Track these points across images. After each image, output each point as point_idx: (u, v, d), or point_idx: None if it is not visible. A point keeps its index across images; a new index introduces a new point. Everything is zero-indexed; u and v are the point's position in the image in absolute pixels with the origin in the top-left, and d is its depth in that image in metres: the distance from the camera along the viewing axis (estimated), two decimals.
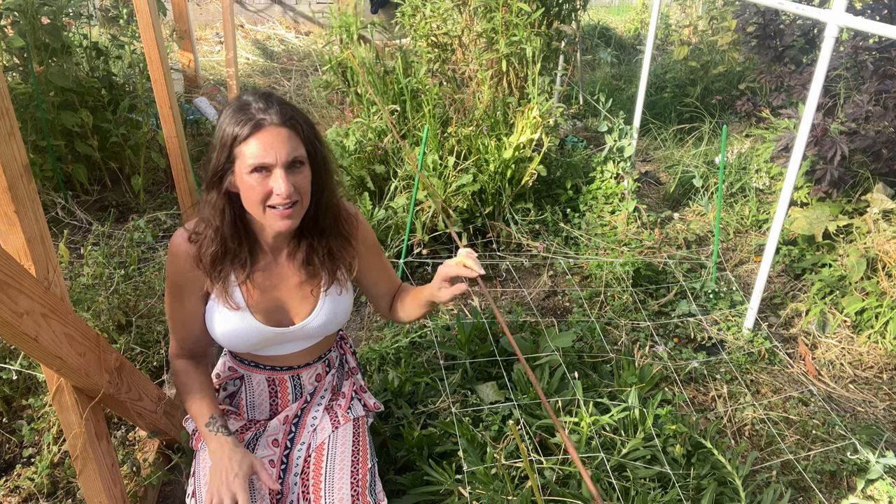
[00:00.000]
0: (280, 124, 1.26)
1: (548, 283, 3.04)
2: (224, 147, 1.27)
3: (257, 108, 1.26)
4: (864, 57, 3.40)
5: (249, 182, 1.26)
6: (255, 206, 1.29)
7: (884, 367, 2.56)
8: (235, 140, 1.26)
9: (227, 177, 1.30)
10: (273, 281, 1.45)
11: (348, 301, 1.54)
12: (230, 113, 1.28)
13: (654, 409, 2.01)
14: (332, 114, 4.58)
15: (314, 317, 1.48)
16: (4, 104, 1.12)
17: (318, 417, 1.61)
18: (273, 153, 1.25)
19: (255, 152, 1.24)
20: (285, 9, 7.47)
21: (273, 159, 1.25)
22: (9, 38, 2.95)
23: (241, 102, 1.29)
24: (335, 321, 1.52)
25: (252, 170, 1.25)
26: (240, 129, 1.25)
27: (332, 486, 1.45)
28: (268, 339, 1.47)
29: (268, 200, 1.28)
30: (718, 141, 4.29)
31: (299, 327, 1.48)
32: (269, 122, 1.25)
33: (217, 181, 1.31)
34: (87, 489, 1.47)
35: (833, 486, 2.04)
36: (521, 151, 3.20)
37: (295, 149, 1.28)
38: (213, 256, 1.37)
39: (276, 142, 1.25)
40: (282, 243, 1.45)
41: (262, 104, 1.27)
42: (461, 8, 3.53)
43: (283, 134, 1.26)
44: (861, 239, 2.90)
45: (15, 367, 2.00)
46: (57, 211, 3.22)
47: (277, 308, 1.46)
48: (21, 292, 1.11)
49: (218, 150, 1.28)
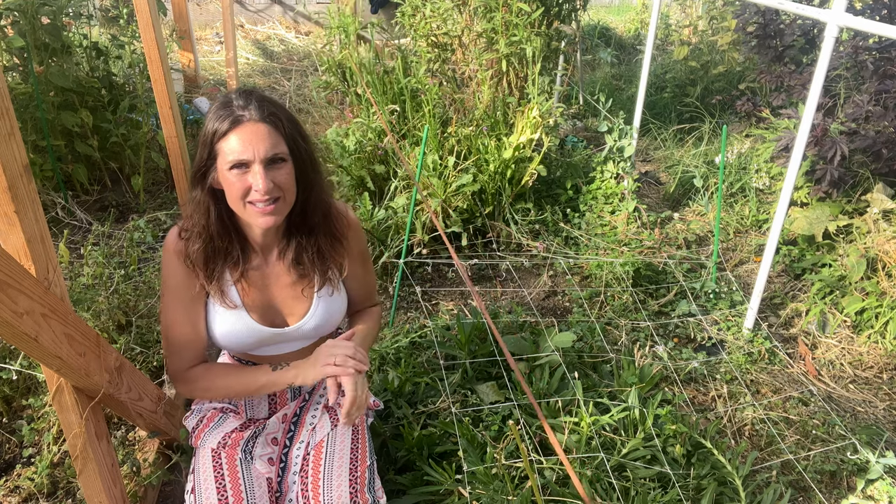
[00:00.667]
0: (259, 120, 1.27)
1: (548, 283, 3.04)
2: (206, 144, 1.29)
3: (237, 105, 1.27)
4: (864, 57, 3.39)
5: (229, 178, 1.28)
6: (237, 203, 1.30)
7: (884, 367, 2.56)
8: (215, 136, 1.27)
9: (209, 173, 1.31)
10: (266, 280, 1.45)
11: (342, 301, 1.54)
12: (213, 110, 1.29)
13: (654, 409, 2.01)
14: (332, 114, 4.58)
15: (308, 318, 1.48)
16: (4, 104, 1.12)
17: (318, 416, 1.61)
18: (251, 149, 1.25)
19: (234, 148, 1.26)
20: (285, 9, 7.47)
21: (251, 155, 1.26)
22: (9, 38, 2.95)
23: (224, 100, 1.30)
24: (330, 322, 1.52)
25: (231, 166, 1.26)
26: (219, 125, 1.26)
27: (331, 483, 1.45)
28: (264, 339, 1.47)
29: (247, 197, 1.28)
30: (718, 141, 4.29)
31: (294, 328, 1.48)
32: (248, 118, 1.26)
33: (201, 178, 1.32)
34: (87, 489, 1.47)
35: (833, 486, 2.04)
36: (521, 151, 3.20)
37: (275, 145, 1.28)
38: (202, 254, 1.37)
39: (255, 138, 1.26)
40: (271, 242, 1.44)
41: (242, 101, 1.28)
42: (461, 8, 3.53)
43: (261, 130, 1.27)
44: (861, 239, 2.90)
45: (15, 367, 2.00)
46: (57, 211, 3.22)
47: (272, 308, 1.46)
48: (21, 292, 1.11)
49: (200, 146, 1.30)
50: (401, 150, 3.26)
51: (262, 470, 1.50)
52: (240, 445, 1.50)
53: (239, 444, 1.50)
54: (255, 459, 1.51)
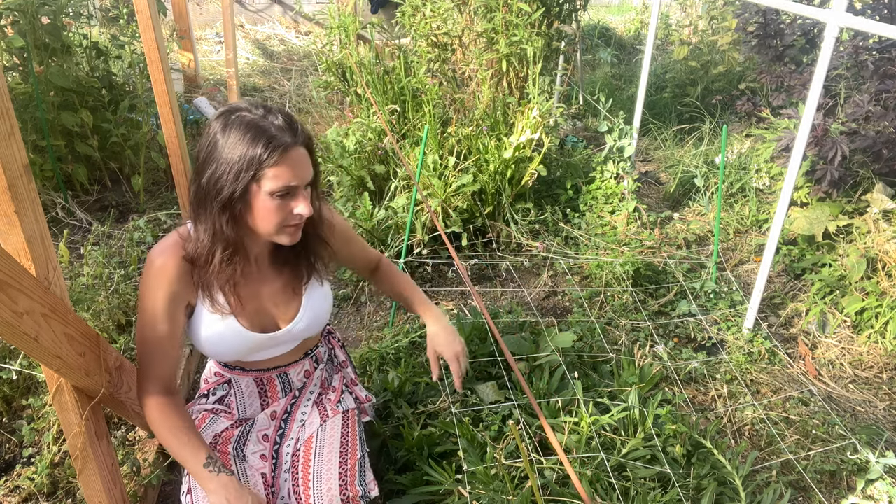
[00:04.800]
0: (301, 144, 1.24)
1: (548, 283, 3.04)
2: (246, 168, 1.19)
3: (278, 128, 1.21)
4: (864, 57, 3.39)
5: (270, 205, 1.23)
6: (271, 227, 1.26)
7: (884, 367, 2.56)
8: (262, 162, 1.19)
9: (241, 199, 1.23)
10: (255, 287, 1.44)
11: (327, 298, 1.54)
12: (243, 130, 1.20)
13: (654, 409, 2.01)
14: (332, 114, 4.58)
15: (298, 319, 1.48)
16: (4, 104, 1.12)
17: (308, 412, 1.62)
18: (300, 175, 1.23)
19: (283, 175, 1.21)
20: (285, 9, 7.47)
21: (299, 181, 1.24)
22: (9, 38, 2.95)
23: (254, 118, 1.21)
24: (317, 321, 1.52)
25: (280, 193, 1.22)
26: (265, 153, 1.18)
27: (321, 476, 1.45)
28: (256, 345, 1.46)
29: (287, 221, 1.26)
30: (718, 141, 4.29)
31: (285, 331, 1.47)
32: (293, 145, 1.22)
33: (229, 202, 1.23)
34: (87, 489, 1.47)
35: (833, 486, 2.04)
36: (522, 151, 3.20)
37: (311, 168, 1.28)
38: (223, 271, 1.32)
39: (301, 163, 1.24)
40: (264, 249, 1.44)
41: (282, 122, 1.22)
42: (461, 8, 3.53)
43: (304, 155, 1.25)
44: (861, 239, 2.90)
45: (15, 367, 2.00)
46: (57, 211, 3.22)
47: (262, 313, 1.45)
48: (21, 292, 1.11)
49: (235, 170, 1.20)
50: (401, 150, 3.26)
51: (256, 465, 1.51)
52: (231, 443, 1.51)
53: (230, 442, 1.51)
54: (247, 456, 1.52)
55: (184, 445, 1.33)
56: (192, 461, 1.32)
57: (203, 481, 1.32)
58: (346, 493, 1.43)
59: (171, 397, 1.38)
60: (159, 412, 1.35)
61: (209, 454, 1.34)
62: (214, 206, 1.24)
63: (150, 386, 1.36)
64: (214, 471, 1.32)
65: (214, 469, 1.32)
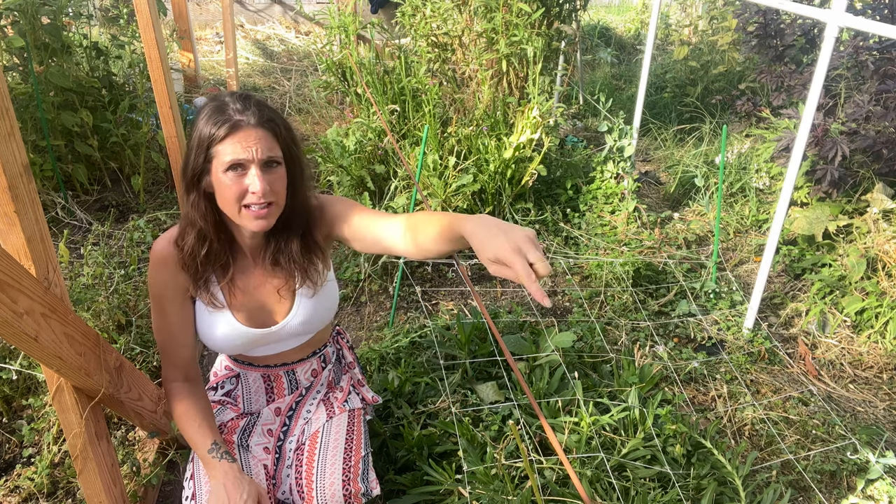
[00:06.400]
0: (257, 125, 1.26)
1: (548, 283, 3.04)
2: (201, 147, 1.26)
3: (235, 109, 1.25)
4: (864, 57, 3.39)
5: (224, 181, 1.25)
6: (231, 206, 1.28)
7: (884, 367, 2.56)
8: (213, 140, 1.24)
9: (203, 177, 1.29)
10: (252, 282, 1.45)
11: (327, 298, 1.54)
12: (207, 113, 1.26)
13: (654, 409, 2.01)
14: (332, 114, 4.58)
15: (293, 316, 1.48)
16: (4, 104, 1.12)
17: (313, 410, 1.64)
18: (249, 151, 1.24)
19: (232, 150, 1.24)
20: (285, 9, 7.47)
21: (249, 156, 1.24)
22: (9, 38, 2.95)
23: (218, 103, 1.27)
24: (317, 318, 1.52)
25: (227, 167, 1.25)
26: (216, 130, 1.24)
27: (324, 471, 1.47)
28: (253, 340, 1.48)
29: (243, 199, 1.27)
30: (718, 141, 4.29)
31: (280, 326, 1.48)
32: (247, 124, 1.25)
33: (195, 182, 1.30)
34: (87, 489, 1.47)
35: (833, 486, 2.04)
36: (521, 151, 3.20)
37: (271, 148, 1.27)
38: (201, 259, 1.36)
39: (253, 141, 1.25)
40: (258, 244, 1.44)
41: (240, 105, 1.26)
42: (461, 8, 3.53)
43: (259, 134, 1.26)
44: (861, 239, 2.90)
45: (15, 367, 2.00)
46: (57, 211, 3.22)
47: (258, 309, 1.46)
48: (21, 292, 1.11)
49: (195, 150, 1.27)
50: (401, 149, 3.26)
51: (259, 456, 1.54)
52: (236, 433, 1.54)
53: (235, 432, 1.54)
54: (251, 447, 1.55)
55: (195, 430, 1.41)
56: (200, 446, 1.40)
57: (207, 466, 1.39)
58: (348, 488, 1.45)
59: (189, 383, 1.47)
60: (175, 396, 1.45)
61: (216, 441, 1.40)
62: (185, 189, 1.32)
63: (169, 372, 1.47)
64: (217, 457, 1.38)
65: (217, 455, 1.38)
